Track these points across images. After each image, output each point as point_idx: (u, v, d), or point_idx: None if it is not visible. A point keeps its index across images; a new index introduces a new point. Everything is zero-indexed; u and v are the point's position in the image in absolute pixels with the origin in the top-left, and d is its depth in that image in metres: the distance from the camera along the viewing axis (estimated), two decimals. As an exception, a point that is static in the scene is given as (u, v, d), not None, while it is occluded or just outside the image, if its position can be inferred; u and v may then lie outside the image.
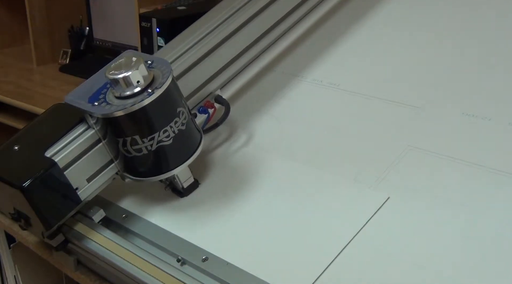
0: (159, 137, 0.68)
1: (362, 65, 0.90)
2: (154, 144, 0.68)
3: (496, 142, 0.71)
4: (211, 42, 0.85)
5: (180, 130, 0.69)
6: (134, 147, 0.68)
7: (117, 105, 0.67)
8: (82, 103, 0.69)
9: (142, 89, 0.67)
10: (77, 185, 0.69)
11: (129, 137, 0.68)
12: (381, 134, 0.77)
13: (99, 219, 0.75)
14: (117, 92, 0.67)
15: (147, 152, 0.69)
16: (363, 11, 1.00)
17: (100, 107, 0.68)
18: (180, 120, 0.69)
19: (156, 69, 0.69)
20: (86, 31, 2.35)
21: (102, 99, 0.68)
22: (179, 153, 0.71)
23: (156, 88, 0.66)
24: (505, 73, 0.80)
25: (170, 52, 0.82)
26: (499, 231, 0.61)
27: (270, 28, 0.93)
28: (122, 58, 0.69)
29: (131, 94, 0.67)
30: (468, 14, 0.92)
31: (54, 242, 0.73)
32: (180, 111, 0.69)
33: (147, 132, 0.67)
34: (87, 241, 0.72)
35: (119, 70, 0.67)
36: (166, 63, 0.70)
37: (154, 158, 0.70)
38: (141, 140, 0.68)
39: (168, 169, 0.71)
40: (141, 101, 0.65)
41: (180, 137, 0.70)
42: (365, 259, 0.62)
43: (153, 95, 0.66)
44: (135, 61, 0.67)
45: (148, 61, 0.70)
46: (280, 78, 0.92)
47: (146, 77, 0.67)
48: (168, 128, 0.68)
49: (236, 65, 0.90)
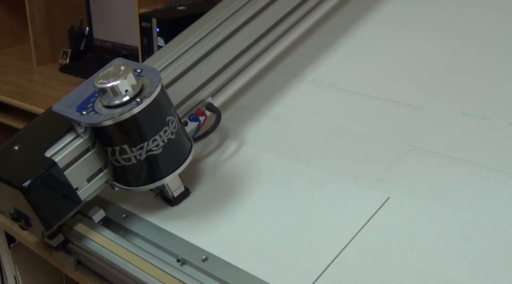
0: (148, 146, 0.67)
1: (362, 65, 0.90)
2: (143, 153, 0.67)
3: (496, 141, 0.71)
4: (201, 50, 0.84)
5: (169, 139, 0.69)
6: (123, 156, 0.68)
7: (105, 114, 0.66)
8: (70, 112, 0.68)
9: (130, 98, 0.66)
10: (77, 185, 0.69)
11: (117, 147, 0.67)
12: (381, 134, 0.77)
13: (99, 219, 0.75)
14: (106, 101, 0.66)
15: (136, 161, 0.68)
16: (363, 11, 1.00)
17: (88, 116, 0.67)
18: (170, 129, 0.69)
19: (145, 78, 0.68)
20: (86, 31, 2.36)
21: (91, 108, 0.67)
22: (169, 162, 0.70)
23: (145, 98, 0.65)
24: (505, 73, 0.80)
25: (161, 59, 0.82)
26: (499, 231, 0.61)
27: (259, 37, 0.92)
28: (111, 67, 0.68)
29: (119, 103, 0.66)
30: (468, 14, 0.92)
31: (54, 242, 0.73)
32: (170, 120, 0.69)
33: (136, 142, 0.67)
34: (87, 241, 0.72)
35: (107, 79, 0.66)
36: (155, 71, 0.69)
37: (143, 167, 0.69)
38: (130, 150, 0.67)
39: (158, 178, 0.70)
40: (129, 111, 0.65)
41: (170, 146, 0.69)
42: (365, 259, 0.62)
43: (142, 104, 0.65)
44: (123, 70, 0.66)
45: (137, 70, 0.69)
46: (280, 78, 0.92)
47: (135, 86, 0.66)
48: (157, 137, 0.67)
49: (227, 72, 0.89)
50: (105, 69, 0.68)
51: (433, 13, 0.95)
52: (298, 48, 0.97)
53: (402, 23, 0.95)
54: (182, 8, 1.82)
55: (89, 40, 2.36)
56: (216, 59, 0.86)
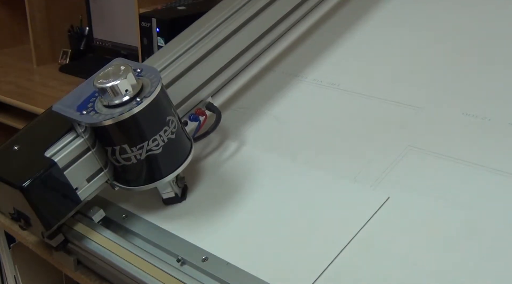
0: (148, 146, 0.67)
1: (362, 65, 0.90)
2: (143, 153, 0.67)
3: (496, 142, 0.71)
4: (201, 50, 0.84)
5: (169, 139, 0.69)
6: (123, 156, 0.68)
7: (105, 114, 0.66)
8: (70, 112, 0.68)
9: (130, 98, 0.66)
10: (77, 185, 0.69)
11: (117, 147, 0.67)
12: (381, 134, 0.77)
13: (99, 219, 0.75)
14: (106, 101, 0.66)
15: (137, 161, 0.68)
16: (363, 11, 1.00)
17: (88, 116, 0.67)
18: (170, 129, 0.69)
19: (145, 78, 0.69)
20: (86, 31, 2.35)
21: (91, 108, 0.67)
22: (169, 162, 0.70)
23: (145, 97, 0.65)
24: (505, 73, 0.80)
25: (160, 59, 0.82)
26: (499, 231, 0.61)
27: (259, 37, 0.92)
28: (111, 67, 0.68)
29: (119, 103, 0.66)
30: (468, 13, 0.92)
31: (54, 242, 0.73)
32: (170, 120, 0.69)
33: (136, 141, 0.67)
34: (87, 241, 0.72)
35: (107, 79, 0.66)
36: (155, 71, 0.70)
37: (143, 167, 0.69)
38: (130, 150, 0.67)
39: (158, 177, 0.70)
40: (129, 110, 0.65)
41: (170, 146, 0.69)
42: (365, 259, 0.62)
43: (142, 104, 0.65)
44: (123, 70, 0.66)
45: (137, 70, 0.69)
46: (280, 78, 0.92)
47: (135, 86, 0.66)
48: (157, 137, 0.67)
49: (227, 72, 0.89)
50: (105, 69, 0.68)
51: (433, 13, 0.95)
52: (298, 48, 0.97)
53: (402, 23, 0.95)
54: (182, 8, 1.82)
55: (89, 40, 2.36)
56: (216, 59, 0.86)
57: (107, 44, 2.30)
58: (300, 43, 0.98)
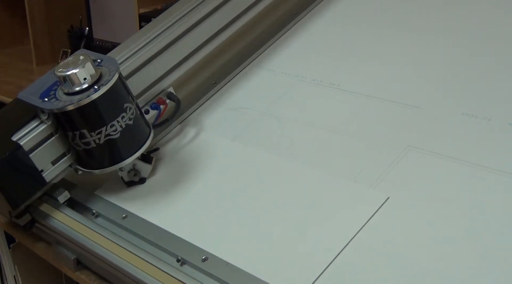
0: (106, 131, 0.72)
1: (362, 65, 0.90)
2: (102, 138, 0.72)
3: (496, 141, 0.70)
4: (162, 42, 0.87)
5: (127, 125, 0.73)
6: (83, 140, 0.73)
7: (65, 100, 0.71)
8: (33, 99, 0.73)
9: (89, 86, 0.71)
10: (42, 167, 0.74)
11: (77, 131, 0.72)
12: (381, 134, 0.77)
13: (64, 200, 0.79)
14: (66, 89, 0.72)
15: (96, 145, 0.73)
16: (363, 11, 1.00)
17: (50, 102, 0.72)
18: (128, 115, 0.73)
19: (104, 67, 0.74)
20: (86, 31, 2.35)
21: (53, 95, 0.72)
22: (127, 146, 0.75)
23: (102, 85, 0.71)
24: (505, 73, 0.80)
25: (123, 51, 0.85)
26: (499, 231, 0.61)
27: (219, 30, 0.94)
28: (71, 57, 0.73)
29: (79, 90, 0.71)
30: (469, 13, 0.92)
31: (21, 221, 0.77)
32: (127, 107, 0.73)
33: (95, 126, 0.72)
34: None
35: (67, 68, 0.71)
36: (114, 61, 0.75)
37: (102, 151, 0.74)
38: (89, 134, 0.72)
39: (118, 160, 0.75)
40: (87, 97, 0.70)
41: (128, 132, 0.74)
42: (364, 259, 0.62)
43: (99, 91, 0.70)
44: (82, 59, 0.72)
45: (98, 60, 0.75)
46: (280, 78, 0.92)
47: (93, 75, 0.71)
48: (115, 122, 0.72)
49: (188, 63, 0.91)
50: (66, 59, 0.73)
51: (434, 13, 0.95)
52: (298, 48, 0.97)
53: (402, 23, 0.95)
54: (182, 8, 1.82)
55: (89, 40, 2.35)
56: (177, 51, 0.89)
57: (107, 44, 2.29)
58: (300, 43, 0.98)
